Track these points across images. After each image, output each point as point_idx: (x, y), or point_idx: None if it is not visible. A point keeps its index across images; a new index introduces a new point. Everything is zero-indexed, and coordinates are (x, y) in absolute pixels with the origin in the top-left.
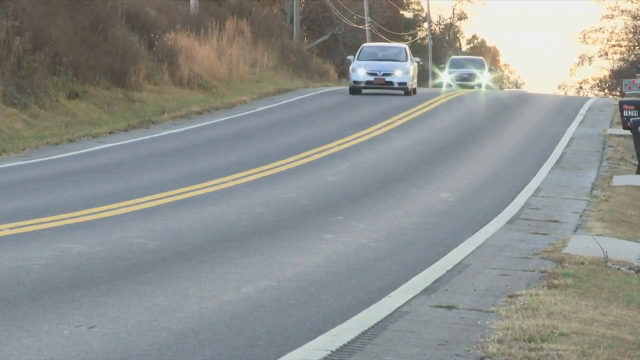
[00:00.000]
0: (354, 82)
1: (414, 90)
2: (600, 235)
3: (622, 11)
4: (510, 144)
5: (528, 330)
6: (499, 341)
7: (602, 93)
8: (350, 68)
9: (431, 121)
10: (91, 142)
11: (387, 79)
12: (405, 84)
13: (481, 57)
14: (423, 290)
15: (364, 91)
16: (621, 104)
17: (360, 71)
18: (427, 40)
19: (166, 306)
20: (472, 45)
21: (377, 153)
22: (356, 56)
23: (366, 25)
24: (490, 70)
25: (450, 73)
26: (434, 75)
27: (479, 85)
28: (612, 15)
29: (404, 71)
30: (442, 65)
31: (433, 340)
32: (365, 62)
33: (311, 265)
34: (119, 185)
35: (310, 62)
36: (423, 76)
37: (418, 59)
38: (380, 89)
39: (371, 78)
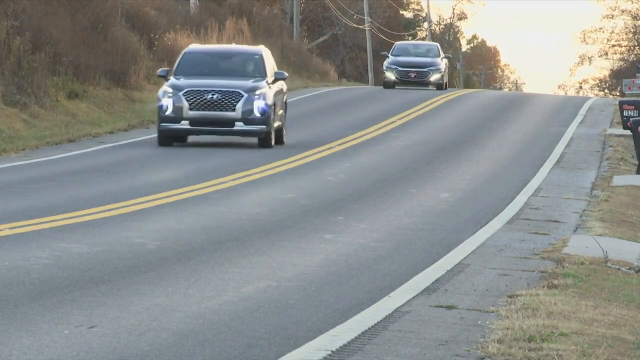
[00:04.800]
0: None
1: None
2: (600, 235)
3: (622, 11)
4: (510, 144)
5: (528, 330)
6: (499, 341)
7: (602, 93)
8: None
9: (431, 121)
10: (91, 142)
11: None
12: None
13: (435, 44)
14: (423, 290)
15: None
16: (621, 103)
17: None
18: (427, 41)
19: (166, 306)
20: (472, 45)
21: (377, 153)
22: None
23: (366, 25)
24: (446, 57)
25: (392, 67)
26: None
27: (439, 85)
28: (612, 15)
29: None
30: (385, 54)
31: (433, 340)
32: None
33: (311, 265)
34: (119, 185)
35: (310, 62)
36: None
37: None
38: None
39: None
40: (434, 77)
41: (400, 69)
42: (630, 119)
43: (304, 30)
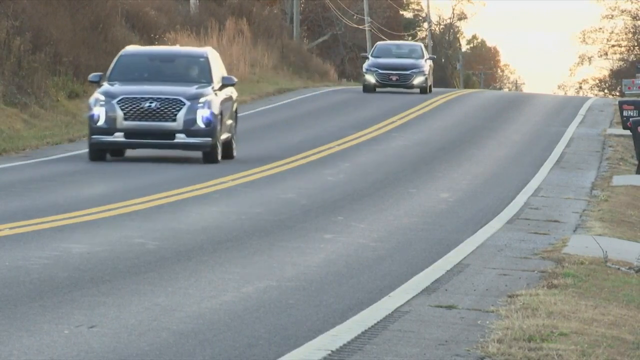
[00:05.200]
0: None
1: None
2: (600, 235)
3: (622, 11)
4: (510, 144)
5: (528, 330)
6: (499, 341)
7: (601, 93)
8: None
9: (431, 121)
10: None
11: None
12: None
13: (419, 44)
14: (423, 290)
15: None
16: (621, 104)
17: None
18: (427, 41)
19: (166, 306)
20: (472, 45)
21: (377, 153)
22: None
23: (366, 25)
24: (430, 59)
25: (372, 70)
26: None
27: (422, 88)
28: (612, 15)
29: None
30: (365, 55)
31: (433, 340)
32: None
33: (311, 265)
34: (119, 185)
35: (310, 62)
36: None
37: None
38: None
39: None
40: (417, 80)
41: (380, 71)
42: (630, 119)
43: (304, 30)
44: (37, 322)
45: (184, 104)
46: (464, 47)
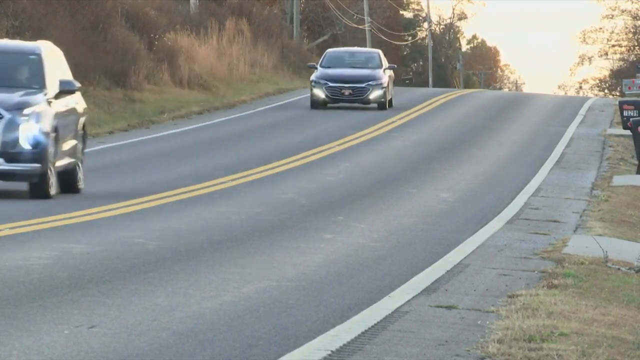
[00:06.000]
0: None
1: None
2: (600, 235)
3: (622, 11)
4: (510, 144)
5: (528, 330)
6: (499, 341)
7: (602, 93)
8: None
9: (431, 121)
10: (91, 142)
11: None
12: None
13: (377, 51)
14: (423, 290)
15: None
16: (621, 104)
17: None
18: (427, 41)
19: (166, 306)
20: (472, 45)
21: (377, 153)
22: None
23: (366, 25)
24: (390, 68)
25: (321, 83)
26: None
27: (381, 103)
28: (612, 15)
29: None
30: (312, 65)
31: (433, 340)
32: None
33: (311, 265)
34: (119, 185)
35: (310, 62)
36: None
37: (394, 65)
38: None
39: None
40: (375, 95)
41: (331, 84)
42: (630, 119)
43: (304, 30)
44: (37, 322)
45: (1, 117)
46: (464, 47)
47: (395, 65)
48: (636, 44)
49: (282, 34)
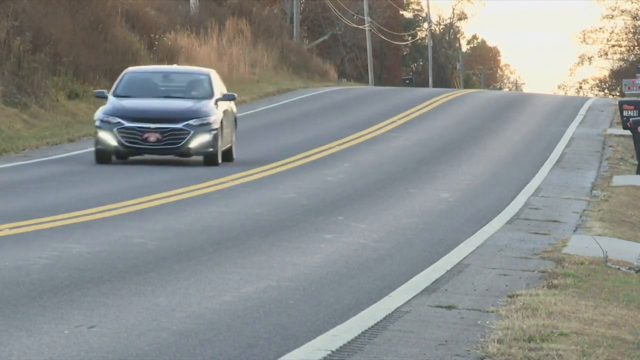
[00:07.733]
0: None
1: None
2: (600, 235)
3: (622, 11)
4: (510, 144)
5: (528, 330)
6: (499, 341)
7: (602, 93)
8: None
9: (431, 121)
10: (91, 142)
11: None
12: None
13: (207, 72)
14: (423, 290)
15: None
16: (621, 104)
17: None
18: (427, 41)
19: (166, 306)
20: (472, 45)
21: (377, 153)
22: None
23: (366, 25)
24: (229, 98)
25: (111, 123)
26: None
27: (209, 155)
28: (612, 15)
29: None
30: (100, 93)
31: (433, 340)
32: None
33: (311, 265)
34: (119, 185)
35: (310, 62)
36: None
37: (234, 95)
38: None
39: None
40: (197, 142)
41: (127, 125)
42: (630, 119)
43: (304, 30)
44: (37, 322)
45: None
46: (464, 47)
47: (236, 95)
48: (636, 44)
49: (282, 34)
